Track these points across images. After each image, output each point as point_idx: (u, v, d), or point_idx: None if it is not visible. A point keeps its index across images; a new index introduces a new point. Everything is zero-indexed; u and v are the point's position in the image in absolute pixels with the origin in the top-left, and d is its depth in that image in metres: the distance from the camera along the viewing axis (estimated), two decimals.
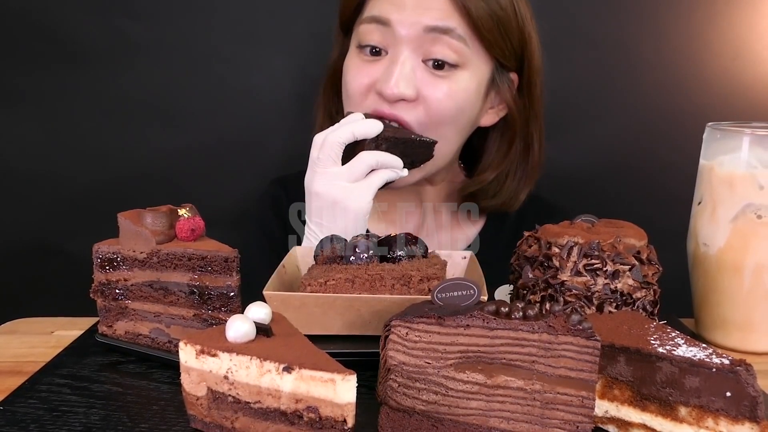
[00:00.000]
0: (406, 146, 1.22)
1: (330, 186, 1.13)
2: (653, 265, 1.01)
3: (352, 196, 1.13)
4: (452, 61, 1.28)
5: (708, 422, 0.77)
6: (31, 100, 1.73)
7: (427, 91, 1.28)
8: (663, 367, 0.78)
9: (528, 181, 1.45)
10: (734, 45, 1.71)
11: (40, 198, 1.76)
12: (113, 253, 1.01)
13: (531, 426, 0.76)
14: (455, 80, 1.29)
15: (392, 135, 1.20)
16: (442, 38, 1.26)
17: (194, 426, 0.81)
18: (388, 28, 1.28)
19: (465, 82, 1.30)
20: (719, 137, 1.12)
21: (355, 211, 1.13)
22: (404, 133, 1.23)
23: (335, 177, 1.13)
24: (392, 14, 1.27)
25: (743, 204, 1.08)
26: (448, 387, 0.77)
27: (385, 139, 1.18)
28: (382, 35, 1.29)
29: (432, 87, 1.28)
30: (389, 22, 1.27)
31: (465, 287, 0.78)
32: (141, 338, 1.02)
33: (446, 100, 1.28)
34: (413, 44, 1.27)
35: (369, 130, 1.17)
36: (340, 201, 1.13)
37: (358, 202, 1.13)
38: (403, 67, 1.27)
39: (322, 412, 0.72)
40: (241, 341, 0.77)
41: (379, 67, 1.30)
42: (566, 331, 0.72)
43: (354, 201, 1.13)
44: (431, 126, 1.29)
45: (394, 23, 1.27)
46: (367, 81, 1.31)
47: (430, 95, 1.28)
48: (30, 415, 0.84)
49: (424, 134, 1.28)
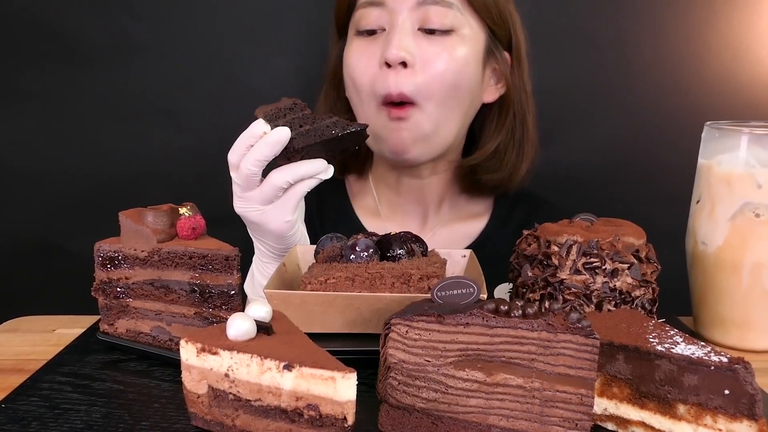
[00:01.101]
0: (327, 145, 1.09)
1: (246, 210, 1.11)
2: (652, 263, 1.01)
3: (269, 218, 1.10)
4: (446, 26, 1.32)
5: (706, 420, 0.77)
6: (34, 100, 1.73)
7: (426, 55, 1.31)
8: (662, 365, 0.78)
9: (525, 158, 1.48)
10: (733, 45, 1.71)
11: (42, 197, 1.77)
12: (114, 252, 1.01)
13: (530, 424, 0.76)
14: (452, 44, 1.33)
15: (304, 144, 1.06)
16: (434, 7, 1.31)
17: (195, 424, 0.81)
18: (383, 6, 1.33)
19: (461, 46, 1.34)
20: (718, 136, 1.12)
21: (274, 231, 1.12)
22: (320, 135, 1.07)
23: (250, 201, 1.10)
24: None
25: (741, 203, 1.08)
26: (448, 385, 0.77)
27: (297, 151, 1.06)
28: (378, 15, 1.34)
29: (430, 51, 1.32)
30: (383, 1, 1.32)
31: (464, 285, 0.78)
32: (142, 336, 1.03)
33: (445, 63, 1.32)
34: (408, 14, 1.32)
35: (274, 145, 1.06)
36: (259, 224, 1.11)
37: (275, 223, 1.10)
38: (401, 32, 1.31)
39: (322, 410, 0.72)
40: (242, 339, 0.77)
41: (378, 44, 1.34)
42: (565, 330, 0.73)
43: (272, 223, 1.11)
44: (434, 94, 1.32)
45: (388, 1, 1.32)
46: (370, 60, 1.34)
47: (430, 59, 1.31)
48: (32, 413, 0.84)
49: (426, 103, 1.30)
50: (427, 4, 1.31)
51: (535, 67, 1.50)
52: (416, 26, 1.32)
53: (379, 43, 1.34)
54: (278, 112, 1.09)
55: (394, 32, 1.31)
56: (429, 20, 1.31)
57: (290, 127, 1.06)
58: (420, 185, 1.48)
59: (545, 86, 1.61)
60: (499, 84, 1.44)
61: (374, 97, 1.33)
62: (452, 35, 1.33)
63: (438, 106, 1.33)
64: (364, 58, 1.35)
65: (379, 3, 1.33)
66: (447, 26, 1.32)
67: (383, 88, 1.31)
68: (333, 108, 1.49)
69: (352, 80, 1.38)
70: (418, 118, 1.32)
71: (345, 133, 1.09)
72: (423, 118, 1.32)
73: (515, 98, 1.44)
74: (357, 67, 1.36)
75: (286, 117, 1.08)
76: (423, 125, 1.33)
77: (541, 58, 1.51)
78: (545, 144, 1.62)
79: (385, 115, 1.33)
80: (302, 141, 1.05)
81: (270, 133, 1.05)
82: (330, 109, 1.49)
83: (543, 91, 1.59)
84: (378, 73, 1.32)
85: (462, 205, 1.54)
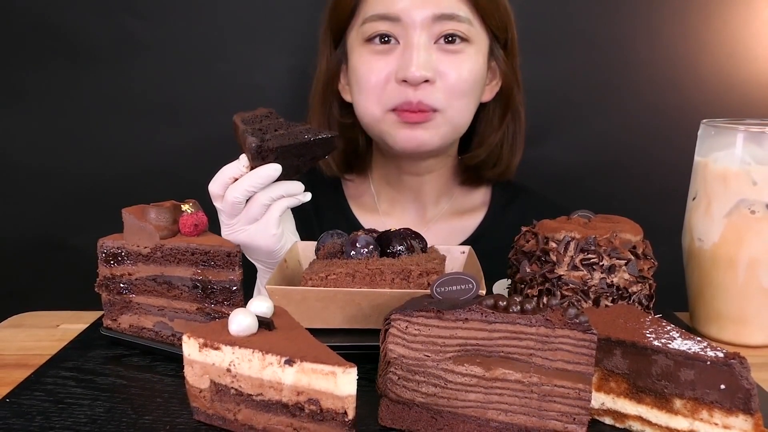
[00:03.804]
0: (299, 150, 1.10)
1: (234, 234, 1.12)
2: (649, 259, 1.02)
3: (257, 237, 1.11)
4: (461, 39, 1.33)
5: (702, 414, 0.77)
6: (38, 98, 1.73)
7: (444, 68, 1.32)
8: (658, 360, 0.78)
9: (517, 150, 1.50)
10: (729, 43, 1.71)
11: (46, 194, 1.77)
12: (118, 248, 1.01)
13: (528, 418, 0.76)
14: (467, 55, 1.34)
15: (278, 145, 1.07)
16: (450, 23, 1.31)
17: (197, 418, 0.82)
18: (397, 21, 1.31)
19: (474, 55, 1.35)
20: (714, 134, 1.13)
21: (263, 247, 1.13)
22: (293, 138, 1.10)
23: (236, 225, 1.12)
24: (397, 7, 1.31)
25: (737, 199, 1.08)
26: (447, 380, 0.77)
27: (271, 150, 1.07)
28: (390, 26, 1.32)
29: (448, 64, 1.32)
30: (397, 16, 1.31)
31: (463, 281, 0.78)
32: (145, 332, 1.03)
33: (463, 75, 1.33)
34: (423, 29, 1.31)
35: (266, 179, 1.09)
36: (248, 244, 1.12)
37: (264, 240, 1.12)
38: (419, 50, 1.30)
39: (323, 405, 0.73)
40: (244, 335, 0.77)
41: (393, 57, 1.33)
42: (563, 325, 0.73)
43: (260, 240, 1.12)
44: (451, 102, 1.33)
45: (402, 16, 1.30)
46: (384, 73, 1.33)
47: (448, 72, 1.32)
48: (36, 407, 0.85)
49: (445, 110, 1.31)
50: (443, 20, 1.30)
51: (532, 65, 1.50)
52: (432, 40, 1.32)
53: (394, 56, 1.33)
54: (255, 118, 1.12)
55: (412, 49, 1.30)
56: (444, 34, 1.31)
57: (265, 131, 1.09)
58: (420, 182, 1.49)
59: (542, 84, 1.62)
60: (494, 81, 1.45)
61: (383, 106, 1.34)
62: (467, 47, 1.33)
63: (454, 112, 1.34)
64: (377, 71, 1.34)
65: (392, 18, 1.31)
66: (462, 36, 1.32)
67: (400, 99, 1.31)
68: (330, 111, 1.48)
69: (365, 91, 1.36)
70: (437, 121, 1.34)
71: (316, 138, 1.11)
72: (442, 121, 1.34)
73: (511, 93, 1.46)
74: (370, 78, 1.34)
75: (262, 122, 1.11)
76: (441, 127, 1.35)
77: (538, 56, 1.51)
78: (543, 142, 1.63)
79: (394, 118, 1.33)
80: (276, 142, 1.07)
81: (265, 167, 1.07)
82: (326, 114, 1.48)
83: (540, 89, 1.60)
84: (394, 86, 1.32)
85: (460, 199, 1.55)
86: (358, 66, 1.37)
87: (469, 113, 1.40)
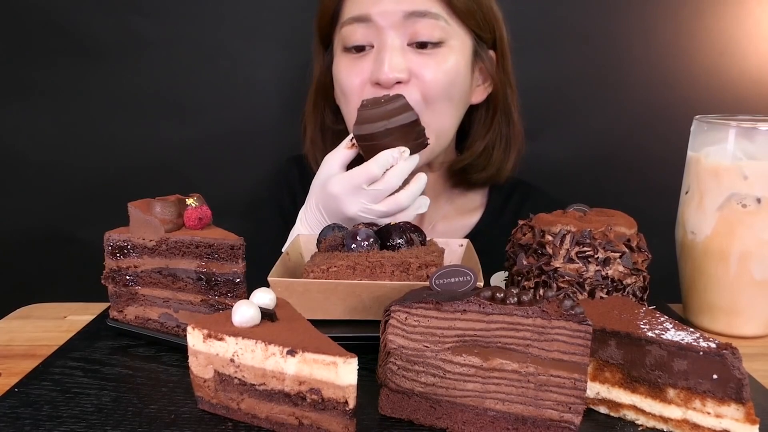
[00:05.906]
0: (399, 131, 1.19)
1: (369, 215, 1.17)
2: (643, 252, 1.02)
3: None
4: (436, 39, 1.31)
5: (695, 404, 0.78)
6: (46, 94, 1.74)
7: (418, 69, 1.31)
8: (652, 351, 0.79)
9: (512, 150, 1.49)
10: (721, 40, 1.72)
11: (53, 188, 1.78)
12: (124, 241, 1.02)
13: (525, 407, 0.76)
14: (442, 56, 1.32)
15: None
16: (422, 20, 1.30)
17: (201, 407, 0.82)
18: (370, 23, 1.31)
19: (451, 56, 1.33)
20: (706, 129, 1.13)
21: None
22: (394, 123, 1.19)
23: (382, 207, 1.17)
24: (370, 8, 1.30)
25: (729, 194, 1.09)
26: (446, 370, 0.78)
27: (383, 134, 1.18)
28: (365, 31, 1.32)
29: (422, 65, 1.31)
30: (369, 17, 1.30)
31: (462, 274, 0.79)
32: (150, 323, 1.04)
33: (437, 75, 1.31)
34: (396, 30, 1.30)
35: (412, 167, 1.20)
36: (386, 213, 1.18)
37: None
38: (392, 51, 1.29)
39: (324, 394, 0.74)
40: (247, 326, 0.78)
41: (368, 61, 1.33)
42: (559, 316, 0.73)
43: None
44: (427, 104, 1.32)
45: (374, 16, 1.30)
46: (360, 77, 1.33)
47: (422, 73, 1.31)
48: (44, 397, 0.86)
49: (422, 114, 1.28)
50: (414, 17, 1.29)
51: (526, 62, 1.50)
52: (405, 41, 1.31)
53: (369, 59, 1.33)
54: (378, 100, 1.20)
55: (385, 51, 1.29)
56: (417, 34, 1.30)
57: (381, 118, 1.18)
58: None
59: (537, 81, 1.62)
60: (485, 83, 1.44)
61: None
62: (442, 47, 1.32)
63: (434, 117, 1.32)
64: (353, 76, 1.34)
65: (365, 19, 1.31)
66: (436, 38, 1.31)
67: None
68: (323, 117, 1.49)
69: (345, 95, 1.37)
70: None
71: (411, 121, 1.19)
72: None
73: (501, 95, 1.44)
74: (348, 83, 1.35)
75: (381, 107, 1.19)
76: None
77: (532, 53, 1.52)
78: (539, 137, 1.64)
79: None
80: None
81: (414, 156, 1.19)
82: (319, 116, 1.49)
83: (535, 86, 1.61)
84: (370, 90, 1.31)
85: (458, 199, 1.55)
86: (336, 73, 1.38)
87: (451, 117, 1.38)
